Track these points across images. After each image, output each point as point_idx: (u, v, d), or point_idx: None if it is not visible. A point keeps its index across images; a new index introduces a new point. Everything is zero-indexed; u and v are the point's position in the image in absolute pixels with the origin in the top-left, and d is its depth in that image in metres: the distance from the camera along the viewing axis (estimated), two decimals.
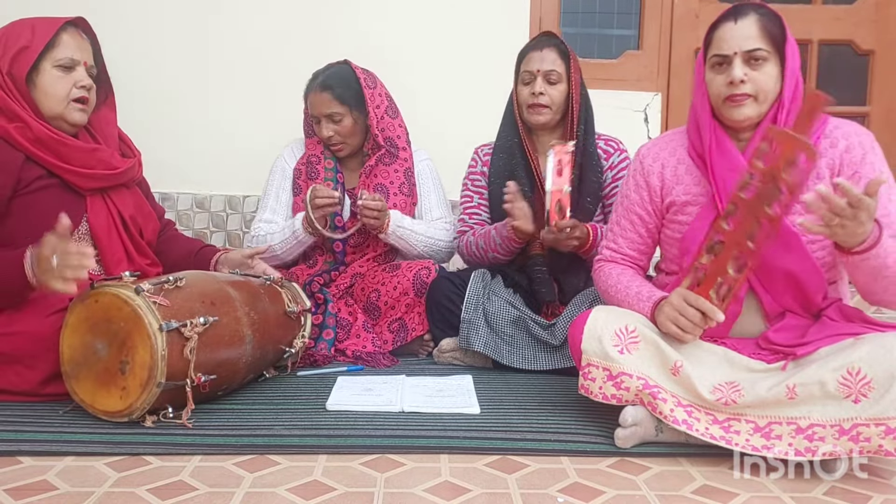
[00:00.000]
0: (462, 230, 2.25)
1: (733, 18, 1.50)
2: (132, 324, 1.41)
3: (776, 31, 1.48)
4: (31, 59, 1.63)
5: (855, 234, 1.28)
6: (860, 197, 1.22)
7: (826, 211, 1.25)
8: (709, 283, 1.40)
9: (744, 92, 1.47)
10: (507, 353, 1.99)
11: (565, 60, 2.12)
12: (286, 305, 1.82)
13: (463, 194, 2.30)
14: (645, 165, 1.65)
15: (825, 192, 1.24)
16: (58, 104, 1.67)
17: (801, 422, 1.30)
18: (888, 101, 3.12)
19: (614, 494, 1.21)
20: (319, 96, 2.22)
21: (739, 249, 1.37)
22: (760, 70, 1.47)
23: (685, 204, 1.58)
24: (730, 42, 1.48)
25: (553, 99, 2.11)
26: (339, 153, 2.30)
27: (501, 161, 2.19)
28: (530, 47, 2.16)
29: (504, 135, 2.22)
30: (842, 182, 1.23)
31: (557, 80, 2.11)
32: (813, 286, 1.46)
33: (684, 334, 1.42)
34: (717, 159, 1.51)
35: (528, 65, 2.13)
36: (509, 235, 2.03)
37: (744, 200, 1.36)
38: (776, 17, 1.50)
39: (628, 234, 1.68)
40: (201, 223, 2.92)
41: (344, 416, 1.54)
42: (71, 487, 1.18)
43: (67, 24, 1.69)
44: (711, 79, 1.52)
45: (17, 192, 1.63)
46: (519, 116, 2.17)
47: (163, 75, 2.87)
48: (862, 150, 1.47)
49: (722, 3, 3.06)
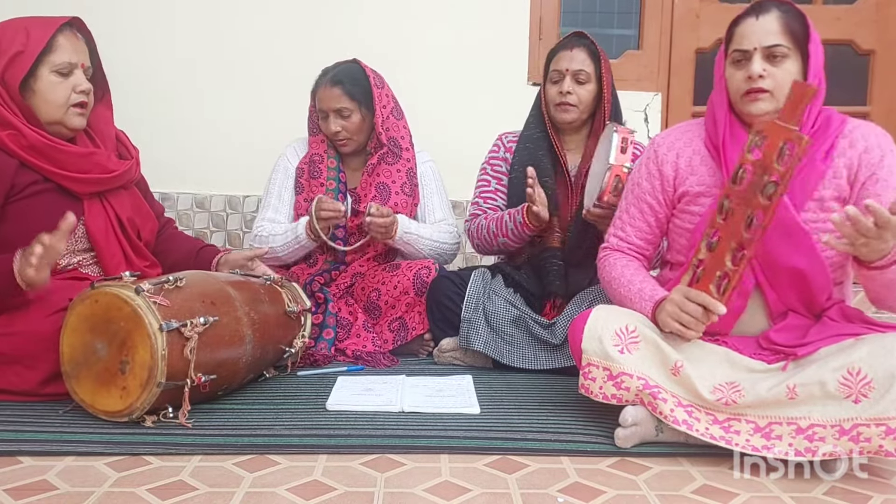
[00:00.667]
0: (475, 213, 2.24)
1: (755, 14, 1.49)
2: (132, 324, 1.41)
3: (798, 29, 1.47)
4: (26, 64, 1.59)
5: (877, 251, 1.28)
6: (888, 218, 1.22)
7: (852, 230, 1.25)
8: (708, 277, 1.40)
9: (761, 87, 1.46)
10: (508, 353, 1.99)
11: (595, 61, 2.12)
12: (286, 305, 1.82)
13: (480, 178, 2.29)
14: (659, 154, 1.64)
15: (854, 214, 1.23)
16: (57, 110, 1.64)
17: (801, 422, 1.30)
18: (888, 101, 3.12)
19: (614, 494, 1.21)
20: (330, 91, 2.23)
21: (736, 240, 1.36)
22: (780, 67, 1.47)
23: (698, 195, 1.57)
24: (750, 38, 1.48)
25: (581, 98, 2.11)
26: (344, 149, 2.30)
27: (527, 151, 2.18)
28: (561, 46, 2.16)
29: (532, 126, 2.21)
30: (871, 204, 1.23)
31: (586, 79, 2.11)
32: (819, 285, 1.45)
33: (687, 331, 1.41)
34: (731, 151, 1.51)
35: (558, 64, 2.13)
36: (524, 221, 2.03)
37: (737, 191, 1.36)
38: (799, 14, 1.49)
39: (637, 222, 1.67)
40: (201, 223, 2.92)
41: (344, 416, 1.54)
42: (71, 487, 1.18)
43: (63, 26, 1.64)
44: (731, 74, 1.52)
45: (12, 197, 1.61)
46: (546, 113, 2.17)
47: (163, 75, 2.87)
48: (881, 151, 1.46)
49: (722, 2, 3.07)
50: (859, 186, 1.45)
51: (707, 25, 3.06)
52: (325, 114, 2.25)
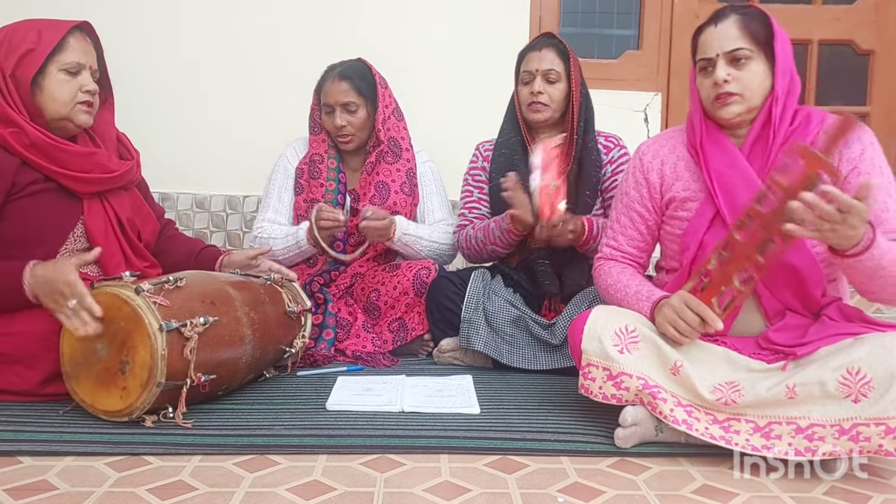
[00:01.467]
0: (462, 224, 2.27)
1: (714, 22, 1.54)
2: (132, 324, 1.41)
3: (759, 29, 1.50)
4: (37, 62, 1.62)
5: (847, 238, 1.28)
6: (850, 203, 1.22)
7: (815, 217, 1.25)
8: (713, 290, 1.40)
9: (728, 91, 1.49)
10: (507, 353, 1.99)
11: (564, 60, 2.15)
12: (286, 305, 1.82)
13: (463, 189, 2.32)
14: (644, 162, 1.67)
15: (812, 200, 1.24)
16: (63, 107, 1.66)
17: (800, 422, 1.30)
18: (888, 101, 3.12)
19: (614, 494, 1.21)
20: (338, 85, 2.23)
21: (749, 262, 1.36)
22: (745, 69, 1.50)
23: (684, 200, 1.59)
24: (712, 45, 1.52)
25: (552, 97, 2.14)
26: (346, 145, 2.29)
27: (503, 157, 2.22)
28: (529, 48, 2.20)
29: (506, 132, 2.25)
30: (828, 189, 1.23)
31: (556, 78, 2.14)
32: (812, 281, 1.46)
33: (681, 337, 1.42)
34: (711, 154, 1.54)
35: (528, 65, 2.16)
36: (508, 227, 2.04)
37: (760, 214, 1.35)
38: (760, 14, 1.52)
39: (628, 231, 1.69)
40: (201, 223, 2.92)
41: (344, 416, 1.54)
42: (71, 487, 1.18)
43: (74, 28, 1.68)
44: (700, 82, 1.56)
45: (12, 196, 1.61)
46: (520, 115, 2.20)
47: (163, 76, 2.87)
48: (861, 145, 1.48)
49: (722, 3, 3.07)
50: (842, 181, 1.45)
51: None
52: (330, 108, 2.25)
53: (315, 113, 2.33)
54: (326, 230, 2.15)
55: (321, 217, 2.14)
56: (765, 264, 1.35)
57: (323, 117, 2.30)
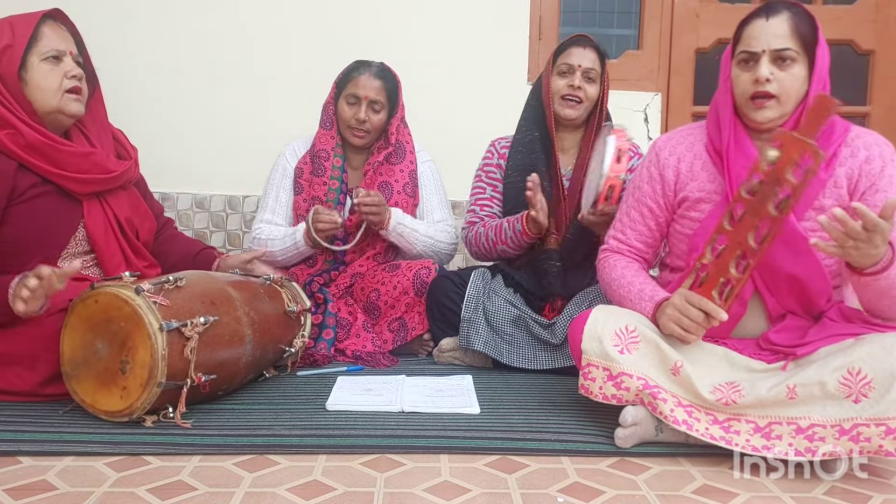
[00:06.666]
0: (472, 221, 2.24)
1: (765, 15, 1.46)
2: (132, 324, 1.41)
3: (807, 32, 1.45)
4: (17, 56, 1.61)
5: (868, 256, 1.28)
6: (876, 221, 1.22)
7: (840, 233, 1.24)
8: (711, 282, 1.40)
9: (767, 91, 1.44)
10: (507, 353, 1.99)
11: (601, 64, 2.14)
12: (286, 305, 1.82)
13: (475, 185, 2.29)
14: (661, 158, 1.63)
15: (841, 215, 1.23)
16: (52, 97, 1.64)
17: (801, 422, 1.30)
18: (888, 101, 3.12)
19: (614, 494, 1.21)
20: (374, 81, 2.23)
21: (742, 249, 1.36)
22: (788, 71, 1.44)
23: (698, 200, 1.56)
24: (759, 39, 1.45)
25: (588, 95, 2.12)
26: (359, 140, 2.27)
27: (520, 155, 2.18)
28: (572, 42, 2.16)
29: (525, 129, 2.21)
30: (858, 206, 1.23)
31: (595, 78, 2.13)
32: (818, 291, 1.45)
33: (687, 335, 1.41)
34: (734, 158, 1.49)
35: (569, 58, 2.13)
36: (523, 229, 2.03)
37: (747, 200, 1.36)
38: (809, 17, 1.46)
39: (637, 225, 1.67)
40: (201, 223, 2.92)
41: (344, 416, 1.54)
42: (71, 487, 1.18)
43: (45, 17, 1.66)
44: (737, 75, 1.49)
45: (13, 200, 1.61)
46: (549, 108, 2.15)
47: (163, 75, 2.86)
48: (882, 161, 1.45)
49: (722, 2, 3.07)
50: (859, 196, 1.44)
51: (707, 25, 3.06)
52: (357, 99, 2.23)
53: (329, 107, 2.31)
54: (324, 232, 2.15)
55: (318, 220, 2.13)
56: (758, 249, 1.35)
57: (342, 106, 2.26)
